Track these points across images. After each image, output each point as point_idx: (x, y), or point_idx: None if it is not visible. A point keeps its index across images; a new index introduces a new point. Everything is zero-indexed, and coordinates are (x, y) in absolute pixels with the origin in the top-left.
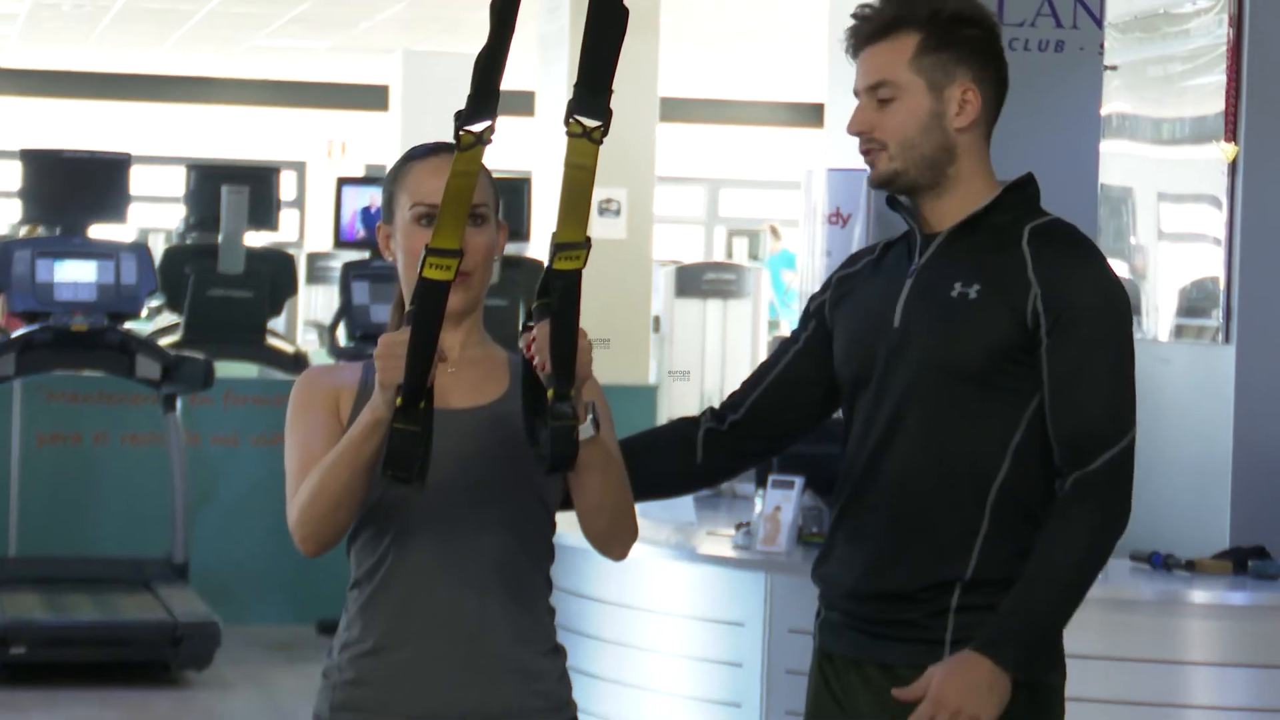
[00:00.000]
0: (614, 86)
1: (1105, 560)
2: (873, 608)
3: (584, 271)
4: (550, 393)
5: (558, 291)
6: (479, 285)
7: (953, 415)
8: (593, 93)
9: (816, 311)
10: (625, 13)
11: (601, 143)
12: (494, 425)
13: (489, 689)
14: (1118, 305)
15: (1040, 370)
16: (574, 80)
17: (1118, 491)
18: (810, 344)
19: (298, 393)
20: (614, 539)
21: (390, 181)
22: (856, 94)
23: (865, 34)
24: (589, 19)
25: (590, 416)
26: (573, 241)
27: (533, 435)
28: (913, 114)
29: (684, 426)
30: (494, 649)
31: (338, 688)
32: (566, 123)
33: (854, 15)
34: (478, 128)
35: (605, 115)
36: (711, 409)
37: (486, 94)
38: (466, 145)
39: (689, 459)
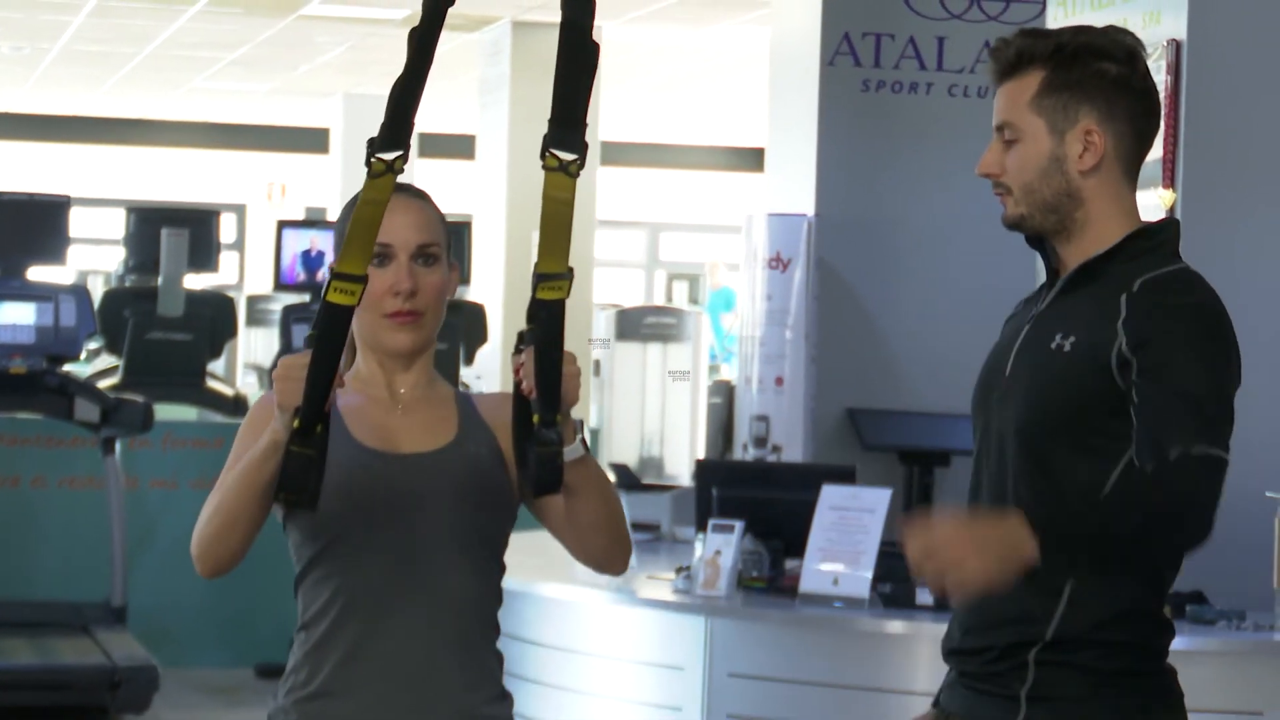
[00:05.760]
0: (587, 120)
1: (1145, 541)
2: (970, 664)
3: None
4: (536, 418)
5: (542, 321)
6: (431, 325)
7: (1041, 471)
8: (567, 127)
9: None
10: (596, 49)
11: (578, 176)
12: (446, 470)
13: None
14: (1205, 321)
15: (1130, 422)
16: (514, 122)
17: (1188, 489)
18: None
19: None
20: (613, 555)
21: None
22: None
23: (996, 72)
24: (560, 56)
25: (579, 437)
26: (554, 272)
27: (522, 459)
28: (1032, 158)
29: None
30: (442, 695)
31: None
32: (543, 157)
33: (990, 51)
34: (389, 156)
35: (581, 149)
36: None
37: (400, 122)
38: (378, 173)
39: None
